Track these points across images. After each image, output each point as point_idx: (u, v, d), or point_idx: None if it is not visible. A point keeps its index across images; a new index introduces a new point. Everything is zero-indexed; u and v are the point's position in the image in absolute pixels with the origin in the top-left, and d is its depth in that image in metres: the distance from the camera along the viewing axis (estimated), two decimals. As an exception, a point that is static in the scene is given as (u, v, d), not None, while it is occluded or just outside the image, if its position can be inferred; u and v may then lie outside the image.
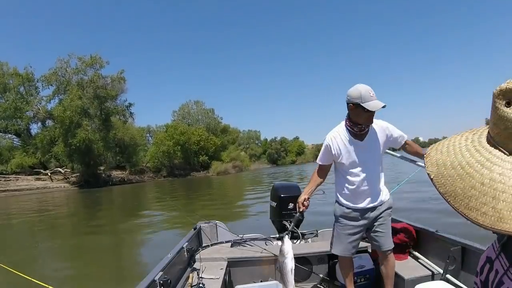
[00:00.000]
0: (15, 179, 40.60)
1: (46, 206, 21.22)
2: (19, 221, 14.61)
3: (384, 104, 2.35)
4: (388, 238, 2.69)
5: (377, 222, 2.66)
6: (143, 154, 54.47)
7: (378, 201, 2.64)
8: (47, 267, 5.92)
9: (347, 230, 2.67)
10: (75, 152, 40.99)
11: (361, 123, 2.48)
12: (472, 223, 0.61)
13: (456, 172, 0.65)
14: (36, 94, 46.78)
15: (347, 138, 2.55)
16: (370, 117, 2.44)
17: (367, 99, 2.36)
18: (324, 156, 2.66)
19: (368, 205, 2.61)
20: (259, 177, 37.40)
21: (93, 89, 43.77)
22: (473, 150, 0.66)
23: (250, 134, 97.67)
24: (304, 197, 2.61)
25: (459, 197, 0.63)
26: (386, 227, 2.69)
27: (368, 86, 2.40)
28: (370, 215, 2.64)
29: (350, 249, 2.71)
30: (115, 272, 5.28)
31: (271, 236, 3.96)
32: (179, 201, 17.52)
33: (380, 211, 2.65)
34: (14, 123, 44.89)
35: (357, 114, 2.44)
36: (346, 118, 2.57)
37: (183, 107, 70.53)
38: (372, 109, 2.36)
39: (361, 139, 2.53)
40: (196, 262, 3.16)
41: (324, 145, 2.65)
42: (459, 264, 2.60)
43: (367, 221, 2.65)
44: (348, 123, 2.53)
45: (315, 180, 2.73)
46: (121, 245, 7.81)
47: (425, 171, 0.71)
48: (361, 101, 2.36)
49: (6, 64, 45.29)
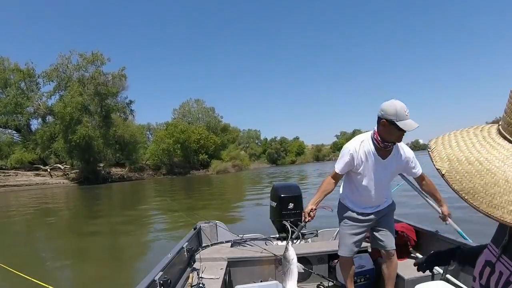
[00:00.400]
0: (14, 175, 40.62)
1: (45, 202, 21.24)
2: (18, 218, 14.60)
3: (418, 124, 2.31)
4: (392, 238, 2.71)
5: (382, 222, 2.69)
6: (143, 151, 54.53)
7: (385, 205, 2.70)
8: (45, 266, 5.91)
9: (352, 230, 2.68)
10: (75, 148, 41.01)
11: (390, 141, 2.43)
12: (494, 220, 0.57)
13: (474, 168, 0.61)
14: (36, 90, 46.87)
15: (371, 152, 2.49)
16: (401, 136, 2.39)
17: (402, 117, 2.29)
18: (346, 165, 2.55)
19: (376, 209, 2.66)
20: (258, 177, 37.42)
21: (94, 86, 43.79)
22: (488, 146, 0.63)
23: (250, 134, 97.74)
24: (310, 207, 2.54)
25: (479, 195, 0.60)
26: (390, 226, 2.72)
27: (403, 104, 2.32)
28: (376, 217, 2.68)
29: (353, 249, 2.73)
30: (114, 272, 5.27)
31: (271, 236, 3.96)
32: (178, 200, 17.51)
33: (385, 212, 2.70)
34: (14, 118, 44.90)
35: (389, 132, 2.36)
36: (374, 130, 2.49)
37: (183, 105, 70.56)
38: (408, 129, 2.30)
39: (384, 157, 2.49)
40: (196, 262, 3.15)
41: (347, 154, 2.53)
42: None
43: (371, 222, 2.69)
44: (375, 137, 2.46)
45: (325, 189, 2.63)
46: (120, 244, 7.80)
47: (434, 167, 0.67)
48: (396, 119, 2.29)
49: (7, 60, 45.40)
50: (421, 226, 3.23)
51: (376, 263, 3.14)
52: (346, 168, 2.56)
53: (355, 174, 2.58)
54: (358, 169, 2.52)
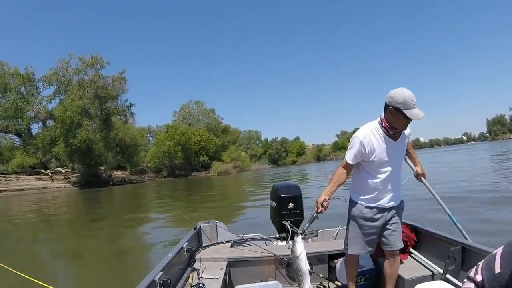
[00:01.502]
0: (15, 179, 40.65)
1: (47, 206, 21.25)
2: (19, 221, 14.62)
3: (425, 114, 2.32)
4: (399, 238, 2.68)
5: (392, 221, 2.64)
6: (144, 154, 54.54)
7: (397, 201, 2.63)
8: (46, 266, 5.93)
9: (365, 230, 2.63)
10: (75, 152, 41.03)
11: (397, 128, 2.43)
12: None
13: None
14: (36, 94, 46.92)
15: (382, 137, 2.47)
16: (406, 124, 2.41)
17: (410, 106, 2.28)
18: (357, 154, 2.49)
19: (388, 203, 2.58)
20: (259, 178, 37.40)
21: (93, 89, 43.81)
22: None
23: (251, 134, 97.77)
24: (324, 198, 2.47)
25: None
26: (399, 226, 2.68)
27: (411, 93, 2.32)
28: (388, 215, 2.62)
29: (366, 247, 2.67)
30: (114, 272, 5.28)
31: (271, 236, 3.96)
32: (179, 202, 17.51)
33: (396, 211, 2.65)
34: (15, 123, 44.95)
35: (396, 119, 2.37)
36: (381, 117, 2.48)
37: (184, 107, 70.60)
38: (414, 118, 2.31)
39: (394, 139, 2.49)
40: (196, 262, 3.15)
41: (357, 142, 2.47)
42: (459, 264, 2.60)
43: (384, 221, 2.62)
44: (384, 124, 2.45)
45: (338, 180, 2.56)
46: (120, 245, 7.81)
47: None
48: (404, 107, 2.29)
49: (7, 64, 45.44)
50: (421, 226, 3.21)
51: (376, 263, 3.14)
52: (358, 157, 2.51)
53: (368, 164, 2.53)
54: (371, 157, 2.48)
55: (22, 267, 2.61)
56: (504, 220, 7.02)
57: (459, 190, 11.41)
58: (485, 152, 43.67)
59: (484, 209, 8.12)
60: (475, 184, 12.91)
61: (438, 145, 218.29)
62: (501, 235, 5.14)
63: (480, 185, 12.54)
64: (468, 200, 9.32)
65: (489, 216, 7.38)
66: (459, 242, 2.68)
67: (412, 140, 2.76)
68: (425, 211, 6.48)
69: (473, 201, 9.19)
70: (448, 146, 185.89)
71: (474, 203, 8.83)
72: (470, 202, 8.94)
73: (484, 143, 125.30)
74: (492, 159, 28.85)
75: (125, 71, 48.10)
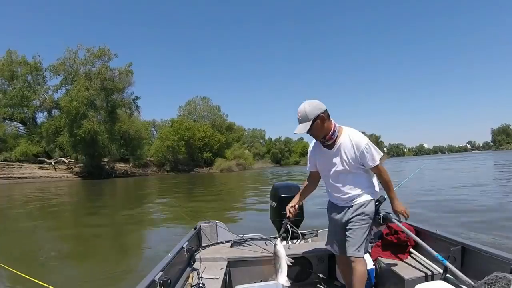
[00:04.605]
0: (18, 167, 40.93)
1: (48, 196, 21.33)
2: (20, 211, 14.71)
3: (298, 131, 2.46)
4: (352, 245, 2.53)
5: (348, 225, 2.60)
6: (147, 147, 54.70)
7: (348, 203, 2.63)
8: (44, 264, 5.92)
9: (330, 227, 2.83)
10: (79, 142, 41.26)
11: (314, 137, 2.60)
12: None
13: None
14: (43, 83, 47.22)
15: (319, 146, 2.66)
16: (311, 134, 2.54)
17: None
18: (309, 163, 2.80)
19: (339, 203, 2.69)
20: (262, 176, 37.37)
21: (100, 81, 44.01)
22: None
23: (255, 133, 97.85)
24: (291, 205, 2.76)
25: None
26: (354, 232, 2.55)
27: (301, 106, 2.45)
28: (342, 216, 2.64)
29: (334, 246, 2.78)
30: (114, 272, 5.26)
31: (271, 236, 3.94)
32: (180, 199, 17.54)
33: (352, 215, 2.58)
34: (20, 111, 45.23)
35: None
36: None
37: (189, 103, 70.76)
38: (296, 132, 2.49)
39: (329, 148, 2.59)
40: (196, 262, 3.15)
41: (308, 153, 2.82)
42: (459, 264, 2.58)
43: (341, 222, 2.65)
44: None
45: (304, 189, 2.87)
46: (120, 243, 7.80)
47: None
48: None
49: (15, 53, 45.66)
50: (421, 226, 3.20)
51: (376, 263, 3.13)
52: (311, 166, 2.79)
53: (320, 171, 2.75)
54: (317, 164, 2.72)
55: (19, 263, 2.60)
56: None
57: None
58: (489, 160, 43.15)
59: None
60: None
61: (442, 152, 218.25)
62: None
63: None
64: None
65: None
66: (459, 242, 2.67)
67: (416, 146, 2.69)
68: (425, 212, 6.38)
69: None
70: (452, 154, 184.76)
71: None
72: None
73: (488, 152, 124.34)
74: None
75: (132, 64, 48.33)
